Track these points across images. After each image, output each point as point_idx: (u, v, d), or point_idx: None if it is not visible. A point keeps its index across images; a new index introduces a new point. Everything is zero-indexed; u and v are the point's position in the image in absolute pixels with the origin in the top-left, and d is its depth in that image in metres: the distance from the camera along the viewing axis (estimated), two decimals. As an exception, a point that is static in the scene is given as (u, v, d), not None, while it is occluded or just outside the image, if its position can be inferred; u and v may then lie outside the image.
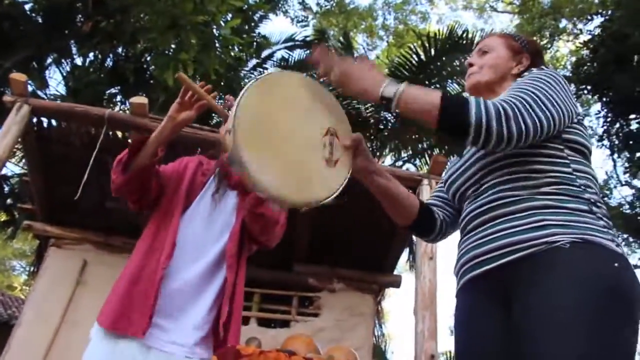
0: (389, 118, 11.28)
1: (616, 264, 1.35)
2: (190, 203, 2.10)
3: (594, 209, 1.43)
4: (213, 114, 10.61)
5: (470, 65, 1.76)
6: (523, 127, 1.37)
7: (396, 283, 6.38)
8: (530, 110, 1.39)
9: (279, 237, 2.16)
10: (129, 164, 1.99)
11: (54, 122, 4.88)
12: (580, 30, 13.67)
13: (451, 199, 1.73)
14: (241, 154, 1.32)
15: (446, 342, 20.04)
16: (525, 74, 1.60)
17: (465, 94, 1.63)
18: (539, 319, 1.29)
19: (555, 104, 1.44)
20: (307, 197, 1.43)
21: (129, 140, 4.53)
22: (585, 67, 11.20)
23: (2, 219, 10.84)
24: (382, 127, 11.30)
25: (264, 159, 1.36)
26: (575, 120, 1.52)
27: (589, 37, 11.36)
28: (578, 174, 1.48)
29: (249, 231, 2.10)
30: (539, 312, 1.30)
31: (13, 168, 10.58)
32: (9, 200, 9.83)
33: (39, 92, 9.68)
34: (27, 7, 9.21)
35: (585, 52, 11.67)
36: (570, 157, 1.49)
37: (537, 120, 1.39)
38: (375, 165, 1.63)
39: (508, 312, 1.39)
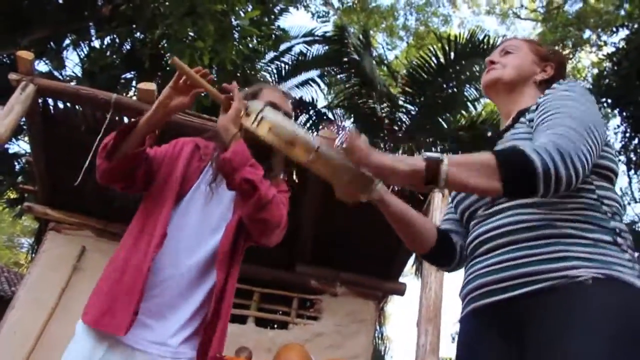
0: (403, 119, 11.14)
1: None
2: (185, 191, 1.90)
3: (619, 240, 1.29)
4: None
5: (492, 62, 1.60)
6: (585, 163, 1.23)
7: (400, 291, 6.23)
8: (585, 142, 1.25)
9: (280, 238, 1.94)
10: (114, 150, 1.80)
11: (61, 104, 4.78)
12: (604, 42, 13.38)
13: (459, 218, 1.58)
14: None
15: (448, 350, 19.86)
16: (551, 89, 1.43)
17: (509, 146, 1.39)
18: None
19: (597, 129, 1.30)
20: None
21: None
22: (607, 80, 10.94)
23: (11, 197, 10.83)
24: (396, 127, 11.15)
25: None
26: (605, 142, 1.37)
27: (613, 49, 11.08)
28: (604, 200, 1.33)
29: (249, 232, 1.91)
30: (555, 357, 1.15)
31: (26, 147, 10.55)
32: (20, 178, 9.79)
33: (55, 73, 9.64)
34: (47, -15, 9.15)
35: (607, 64, 11.41)
36: (595, 183, 1.34)
37: (590, 152, 1.25)
38: (386, 189, 1.50)
39: (516, 349, 1.24)
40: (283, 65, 11.35)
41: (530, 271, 1.25)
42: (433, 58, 10.38)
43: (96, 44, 9.90)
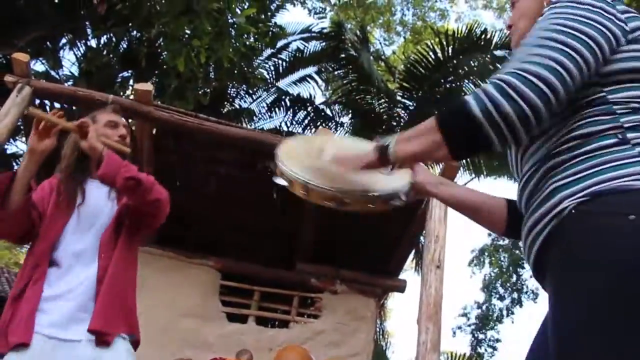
0: (402, 115, 11.12)
1: (632, 217, 0.92)
2: (68, 218, 2.12)
3: (629, 134, 1.04)
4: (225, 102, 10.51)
5: (509, 27, 1.45)
6: (542, 85, 1.01)
7: (401, 288, 6.22)
8: (542, 58, 1.03)
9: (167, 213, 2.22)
10: (3, 200, 1.99)
11: (58, 105, 4.76)
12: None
13: None
14: (306, 177, 1.28)
15: (450, 345, 19.91)
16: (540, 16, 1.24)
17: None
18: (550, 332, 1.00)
19: (580, 34, 1.07)
20: (382, 188, 1.31)
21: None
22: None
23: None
24: (394, 123, 11.13)
25: (321, 173, 1.31)
26: (623, 41, 1.12)
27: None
28: (619, 100, 1.09)
29: (142, 222, 2.16)
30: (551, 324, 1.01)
31: (24, 147, 10.53)
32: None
33: (52, 73, 9.61)
34: (42, -15, 9.10)
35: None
36: (606, 89, 1.11)
37: (557, 66, 1.02)
38: (439, 176, 1.45)
39: None
40: (280, 62, 11.34)
41: (532, 223, 1.12)
42: (430, 53, 10.36)
43: (92, 43, 9.87)
